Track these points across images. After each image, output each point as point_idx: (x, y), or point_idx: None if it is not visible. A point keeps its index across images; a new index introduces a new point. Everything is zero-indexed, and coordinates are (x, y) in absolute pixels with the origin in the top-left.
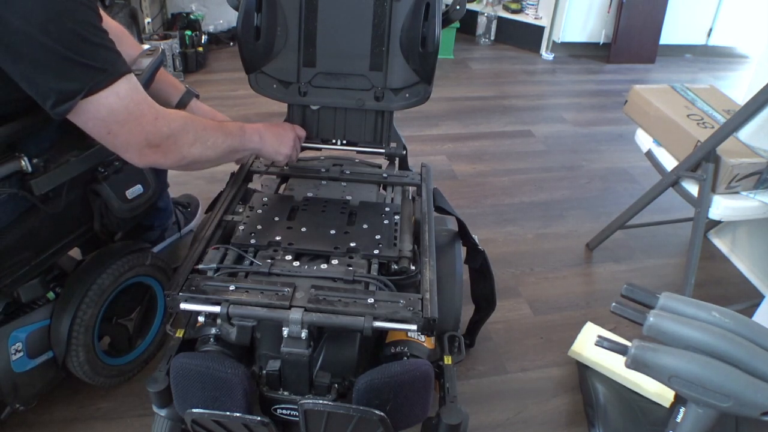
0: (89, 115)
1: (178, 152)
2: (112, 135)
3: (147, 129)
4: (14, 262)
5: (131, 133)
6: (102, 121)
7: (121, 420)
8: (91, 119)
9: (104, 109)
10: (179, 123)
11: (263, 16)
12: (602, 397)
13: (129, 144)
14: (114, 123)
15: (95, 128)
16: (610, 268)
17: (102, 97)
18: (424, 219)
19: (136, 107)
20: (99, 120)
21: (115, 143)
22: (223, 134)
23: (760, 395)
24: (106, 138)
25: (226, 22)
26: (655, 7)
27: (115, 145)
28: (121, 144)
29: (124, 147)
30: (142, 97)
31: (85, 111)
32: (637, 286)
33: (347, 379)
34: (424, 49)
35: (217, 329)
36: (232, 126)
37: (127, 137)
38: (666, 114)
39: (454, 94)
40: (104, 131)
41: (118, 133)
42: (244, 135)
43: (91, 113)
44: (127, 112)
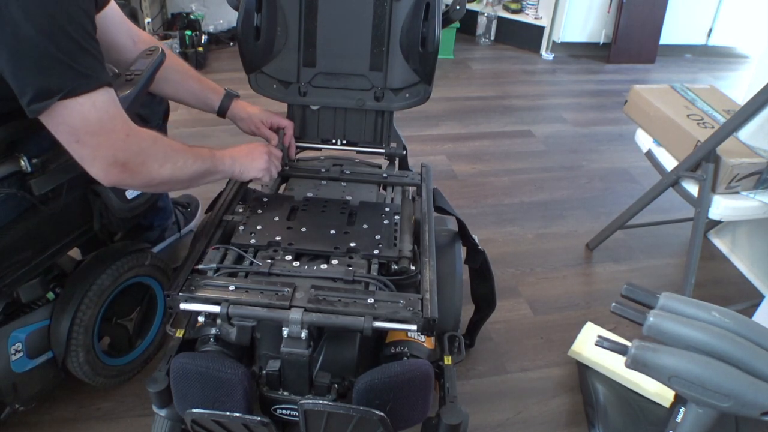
0: (61, 119)
1: (147, 173)
2: (80, 144)
3: (117, 145)
4: (14, 262)
5: (100, 146)
6: (72, 128)
7: (121, 420)
8: (63, 124)
9: (78, 116)
10: (149, 141)
11: (263, 16)
12: (602, 397)
13: (96, 157)
14: (84, 133)
15: (64, 134)
16: (610, 268)
17: (78, 103)
18: (424, 219)
19: (109, 121)
20: (70, 126)
21: (82, 154)
22: (193, 157)
23: (760, 395)
24: (74, 147)
25: (226, 22)
26: (655, 7)
27: (82, 156)
28: (88, 156)
29: (90, 159)
30: (118, 112)
31: (59, 114)
32: (637, 286)
33: (347, 379)
34: (424, 49)
35: (217, 329)
36: (202, 150)
37: (95, 150)
38: (666, 114)
39: (454, 94)
40: (73, 139)
41: (87, 144)
42: (214, 158)
43: (63, 117)
44: (99, 124)
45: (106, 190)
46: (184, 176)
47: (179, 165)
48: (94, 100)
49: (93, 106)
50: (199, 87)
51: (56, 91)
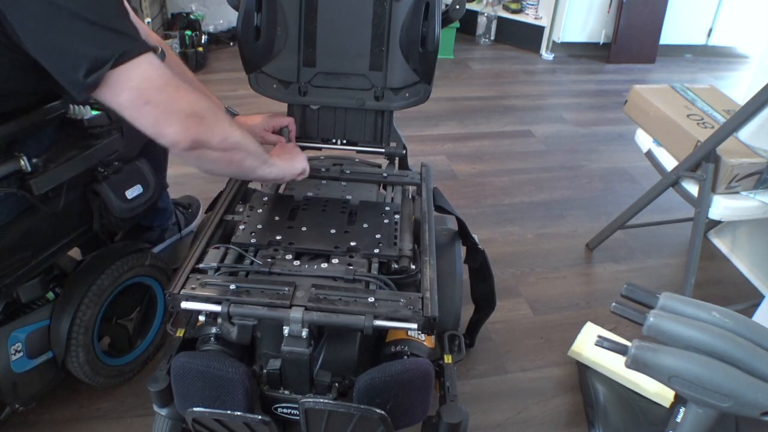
0: (123, 86)
1: (222, 128)
2: (152, 105)
3: (188, 96)
4: (14, 261)
5: (172, 99)
6: (138, 90)
7: (122, 420)
8: (126, 89)
9: (139, 76)
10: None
11: (263, 16)
12: (602, 397)
13: (171, 112)
14: (152, 90)
15: (131, 99)
16: (610, 268)
17: (134, 66)
18: (424, 218)
19: (171, 78)
20: (134, 89)
21: (156, 115)
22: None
23: (760, 395)
24: (144, 110)
25: (226, 22)
26: (655, 7)
27: (156, 117)
28: (162, 114)
29: (165, 118)
30: (175, 75)
31: (118, 82)
32: (637, 286)
33: (348, 377)
34: (424, 48)
35: (218, 328)
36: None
37: (169, 104)
38: (666, 114)
39: (454, 94)
40: (142, 101)
41: (158, 101)
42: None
43: (124, 83)
44: (163, 79)
45: (106, 190)
46: (251, 147)
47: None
48: (149, 60)
49: (150, 65)
50: None
51: (109, 57)
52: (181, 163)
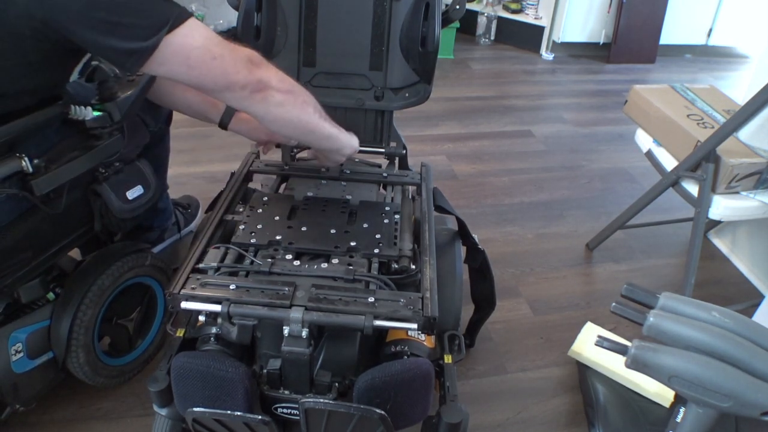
0: (186, 47)
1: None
2: (218, 58)
3: (239, 46)
4: (14, 262)
5: (231, 49)
6: (203, 47)
7: (122, 420)
8: (189, 49)
9: (198, 35)
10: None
11: (263, 16)
12: (602, 397)
13: (236, 60)
14: (214, 45)
15: (199, 57)
16: (610, 268)
17: (188, 27)
18: (424, 218)
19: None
20: (200, 47)
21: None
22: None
23: (760, 395)
24: (213, 65)
25: (226, 22)
26: (655, 7)
27: (225, 68)
28: (230, 63)
29: (233, 65)
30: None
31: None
32: (637, 286)
33: (348, 377)
34: (424, 48)
35: (218, 328)
36: None
37: (231, 54)
38: (666, 114)
39: (454, 94)
40: (209, 57)
41: (222, 54)
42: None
43: (187, 44)
44: (216, 36)
45: (107, 191)
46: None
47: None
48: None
49: (201, 26)
50: (198, 100)
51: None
52: (182, 163)
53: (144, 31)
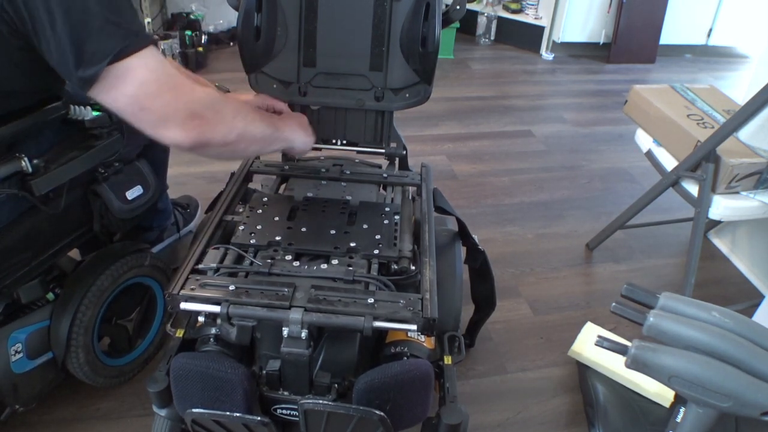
0: (118, 92)
1: (224, 123)
2: (147, 111)
3: (186, 98)
4: (14, 262)
5: (168, 104)
6: (132, 97)
7: (121, 420)
8: (121, 96)
9: (134, 80)
10: (216, 94)
11: (263, 16)
12: (602, 397)
13: (169, 117)
14: (146, 97)
15: (127, 106)
16: (610, 268)
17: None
18: (424, 219)
19: (168, 78)
20: (129, 96)
21: (152, 121)
22: (259, 116)
23: (760, 395)
24: (140, 116)
25: (226, 22)
26: (655, 7)
27: (154, 123)
28: (160, 119)
29: (163, 122)
30: (174, 71)
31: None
32: (637, 286)
33: (347, 379)
34: (424, 49)
35: (217, 329)
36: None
37: (165, 110)
38: (666, 114)
39: (454, 94)
40: (137, 108)
41: (154, 108)
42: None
43: (119, 87)
44: (158, 84)
45: (107, 191)
46: (256, 132)
47: (249, 119)
48: (146, 61)
49: (146, 68)
50: None
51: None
52: (182, 163)
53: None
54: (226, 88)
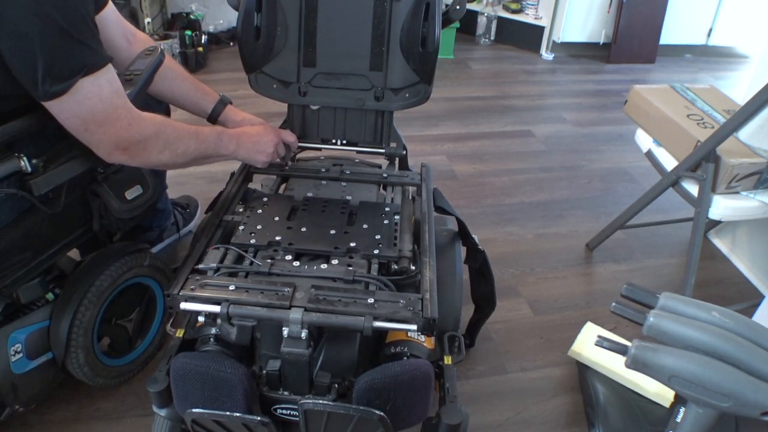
0: (71, 112)
1: (146, 157)
2: (89, 132)
3: (119, 133)
4: (14, 262)
5: (105, 134)
6: (82, 120)
7: (121, 420)
8: (72, 117)
9: (86, 108)
10: (152, 130)
11: (263, 16)
12: (602, 397)
13: (101, 143)
14: (92, 123)
15: (75, 125)
16: (610, 268)
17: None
18: (424, 219)
19: (113, 111)
20: (79, 119)
21: (89, 140)
22: (196, 141)
23: (760, 395)
24: (82, 134)
25: (226, 22)
26: (655, 7)
27: (88, 141)
28: (94, 142)
29: (96, 145)
30: (122, 102)
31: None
32: (637, 286)
33: (347, 379)
34: (424, 49)
35: (217, 329)
36: (208, 132)
37: (101, 137)
38: (666, 114)
39: (454, 94)
40: (82, 128)
41: (94, 132)
42: (220, 142)
43: (73, 110)
44: (105, 114)
45: (106, 191)
46: (182, 161)
47: (179, 152)
48: (101, 84)
49: (99, 98)
50: (193, 89)
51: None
52: None
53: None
54: (228, 99)
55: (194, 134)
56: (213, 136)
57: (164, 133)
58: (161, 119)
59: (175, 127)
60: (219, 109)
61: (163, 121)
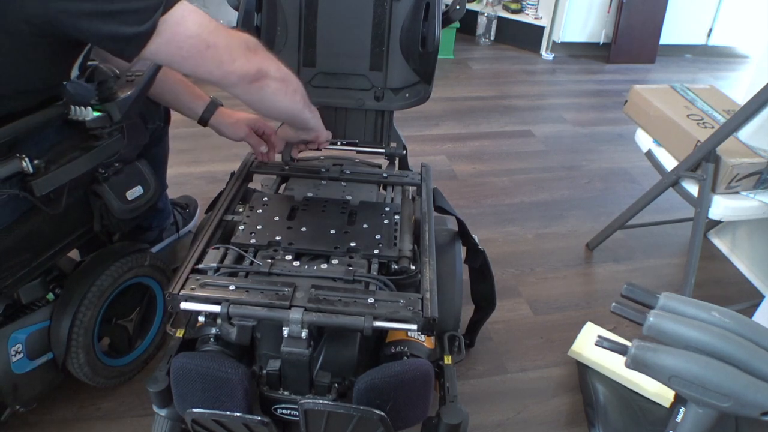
0: (179, 36)
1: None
2: (214, 48)
3: (237, 33)
4: (15, 263)
5: (228, 37)
6: (196, 36)
7: (122, 420)
8: (182, 38)
9: (191, 21)
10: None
11: (263, 16)
12: (602, 397)
13: (232, 49)
14: (209, 34)
15: (193, 46)
16: (610, 268)
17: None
18: (424, 219)
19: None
20: (192, 36)
21: (220, 56)
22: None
23: (760, 395)
24: (208, 54)
25: (226, 22)
26: (655, 7)
27: (221, 58)
28: (226, 53)
29: (230, 55)
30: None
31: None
32: (637, 286)
33: (347, 378)
34: (424, 49)
35: (218, 329)
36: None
37: (228, 42)
38: (666, 114)
39: (454, 94)
40: (204, 46)
41: (219, 43)
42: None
43: (179, 32)
44: (212, 21)
45: (107, 191)
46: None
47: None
48: (190, 7)
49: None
50: (185, 91)
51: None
52: (181, 163)
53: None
54: (219, 102)
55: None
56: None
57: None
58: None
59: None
60: (210, 111)
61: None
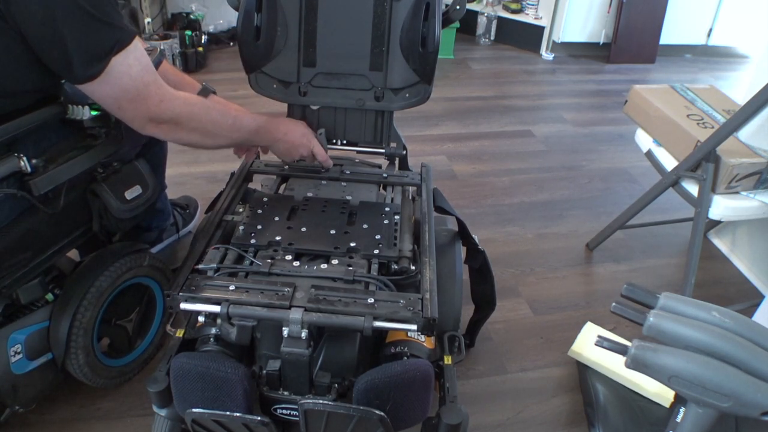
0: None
1: (176, 135)
2: (122, 110)
3: (151, 110)
4: (13, 263)
5: (137, 110)
6: (115, 98)
7: (122, 420)
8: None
9: (117, 87)
10: (184, 110)
11: (263, 16)
12: (602, 397)
13: (134, 119)
14: (124, 100)
15: (108, 104)
16: (610, 268)
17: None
18: (424, 219)
19: (144, 88)
20: (111, 97)
21: (123, 116)
22: (230, 130)
23: (760, 395)
24: (116, 111)
25: (226, 22)
26: (655, 7)
27: (122, 117)
28: (128, 117)
29: (130, 120)
30: (152, 79)
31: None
32: (637, 286)
33: (347, 378)
34: (424, 49)
35: (217, 329)
36: (247, 123)
37: (134, 113)
38: (666, 114)
39: (454, 94)
40: (115, 106)
41: (126, 109)
42: (255, 136)
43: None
44: (136, 92)
45: (106, 191)
46: (212, 144)
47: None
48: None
49: (129, 75)
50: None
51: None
52: (181, 163)
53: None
54: (212, 88)
55: (231, 123)
56: (251, 127)
57: (197, 115)
58: (199, 101)
59: (212, 111)
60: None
61: (199, 103)
